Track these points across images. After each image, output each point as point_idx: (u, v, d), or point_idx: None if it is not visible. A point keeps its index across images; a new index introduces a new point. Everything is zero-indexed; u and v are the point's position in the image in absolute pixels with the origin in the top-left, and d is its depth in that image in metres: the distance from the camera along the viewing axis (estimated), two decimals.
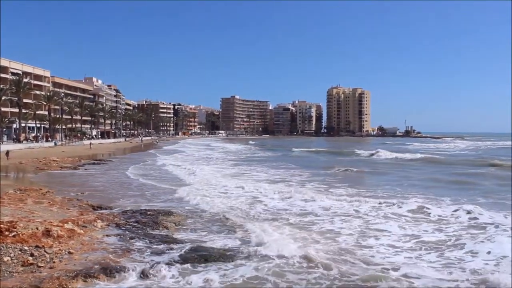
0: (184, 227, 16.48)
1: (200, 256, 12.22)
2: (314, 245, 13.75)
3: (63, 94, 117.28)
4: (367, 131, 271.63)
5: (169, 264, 11.56)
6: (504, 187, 29.22)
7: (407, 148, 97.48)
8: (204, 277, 10.89)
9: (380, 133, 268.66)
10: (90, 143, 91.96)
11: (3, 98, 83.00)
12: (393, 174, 38.92)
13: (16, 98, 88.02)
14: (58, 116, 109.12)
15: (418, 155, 63.04)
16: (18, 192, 23.28)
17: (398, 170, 42.77)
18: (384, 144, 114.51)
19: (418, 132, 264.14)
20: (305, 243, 14.01)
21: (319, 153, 78.24)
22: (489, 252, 13.09)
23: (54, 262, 11.26)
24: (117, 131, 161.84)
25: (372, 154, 66.75)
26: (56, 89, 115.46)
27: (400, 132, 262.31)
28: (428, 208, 19.91)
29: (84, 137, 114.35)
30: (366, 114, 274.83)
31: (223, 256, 12.45)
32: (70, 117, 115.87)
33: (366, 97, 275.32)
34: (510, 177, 33.99)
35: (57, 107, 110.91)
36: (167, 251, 12.91)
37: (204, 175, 36.51)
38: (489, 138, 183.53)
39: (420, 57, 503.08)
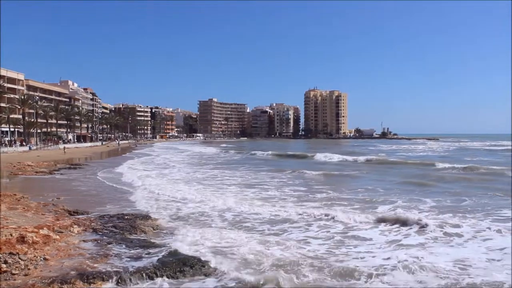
0: (163, 231, 16.35)
1: (178, 260, 12.12)
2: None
3: (38, 97, 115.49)
4: (344, 133, 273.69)
5: (147, 269, 11.43)
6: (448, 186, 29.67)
7: (371, 150, 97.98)
8: (182, 280, 10.85)
9: (357, 135, 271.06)
10: (64, 148, 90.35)
11: None
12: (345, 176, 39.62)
13: None
14: (32, 120, 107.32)
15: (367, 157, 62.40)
16: None
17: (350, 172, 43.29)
18: (354, 146, 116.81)
19: (395, 134, 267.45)
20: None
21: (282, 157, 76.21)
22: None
23: (29, 269, 11.06)
24: (93, 135, 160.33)
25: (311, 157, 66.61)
26: (30, 93, 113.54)
27: (376, 134, 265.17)
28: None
29: (60, 141, 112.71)
30: (343, 116, 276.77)
31: (200, 259, 12.38)
32: (45, 121, 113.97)
33: (343, 100, 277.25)
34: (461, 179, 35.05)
35: (31, 110, 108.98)
36: (145, 255, 12.81)
37: (172, 178, 37.09)
38: (461, 139, 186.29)
39: (397, 59, 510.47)
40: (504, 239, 14.95)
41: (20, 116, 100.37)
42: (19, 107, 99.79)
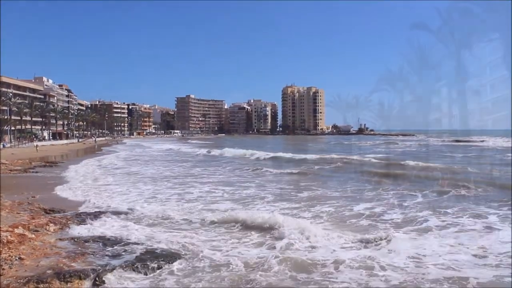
0: (140, 228, 16.25)
1: (155, 257, 12.11)
2: None
3: (11, 94, 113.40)
4: (322, 129, 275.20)
5: (126, 266, 11.37)
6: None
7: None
8: (162, 276, 10.91)
9: (334, 131, 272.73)
10: (36, 145, 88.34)
11: None
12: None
13: None
14: (6, 117, 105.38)
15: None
16: None
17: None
18: (323, 143, 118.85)
19: (371, 130, 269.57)
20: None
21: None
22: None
23: (3, 269, 10.86)
24: (69, 132, 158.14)
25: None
26: (3, 89, 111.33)
27: (353, 130, 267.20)
28: None
29: (35, 139, 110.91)
30: (320, 113, 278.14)
31: (179, 256, 12.39)
32: (19, 118, 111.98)
33: (320, 96, 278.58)
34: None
35: (5, 107, 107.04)
36: (123, 253, 12.73)
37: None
38: (431, 135, 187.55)
39: (372, 55, 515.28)
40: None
41: None
42: None
